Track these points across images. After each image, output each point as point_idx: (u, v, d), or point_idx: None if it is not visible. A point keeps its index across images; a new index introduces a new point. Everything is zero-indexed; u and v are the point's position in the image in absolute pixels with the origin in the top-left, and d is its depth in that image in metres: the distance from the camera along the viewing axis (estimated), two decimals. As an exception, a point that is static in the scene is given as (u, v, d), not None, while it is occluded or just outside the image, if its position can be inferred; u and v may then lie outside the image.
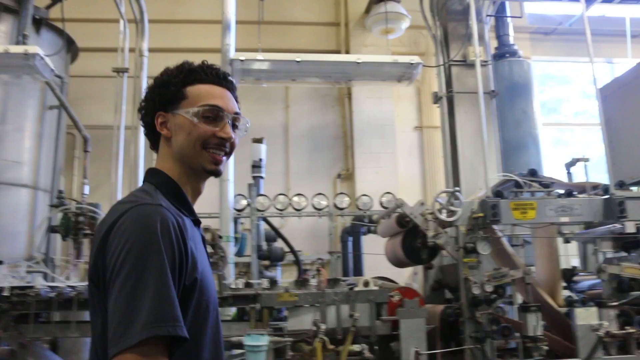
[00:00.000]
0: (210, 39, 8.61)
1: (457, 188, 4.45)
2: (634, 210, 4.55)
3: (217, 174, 1.69)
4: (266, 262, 7.09)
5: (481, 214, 4.39)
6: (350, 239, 7.39)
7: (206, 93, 1.66)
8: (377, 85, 10.02)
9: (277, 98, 10.27)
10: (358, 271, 7.21)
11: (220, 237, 5.01)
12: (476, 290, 4.24)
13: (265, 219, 6.79)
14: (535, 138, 7.63)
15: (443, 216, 4.42)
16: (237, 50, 6.45)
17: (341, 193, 6.93)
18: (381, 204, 6.32)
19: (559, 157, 9.63)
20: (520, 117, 7.48)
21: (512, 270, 4.42)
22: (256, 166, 7.41)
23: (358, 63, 6.12)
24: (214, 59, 1.92)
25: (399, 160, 10.19)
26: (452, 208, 4.45)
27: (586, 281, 5.42)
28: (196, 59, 1.77)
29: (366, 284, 4.52)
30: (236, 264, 6.58)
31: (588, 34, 5.43)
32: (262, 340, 4.06)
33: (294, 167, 9.97)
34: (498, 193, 4.52)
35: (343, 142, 10.28)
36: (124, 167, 6.97)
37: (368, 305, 4.42)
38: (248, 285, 4.63)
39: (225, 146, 1.67)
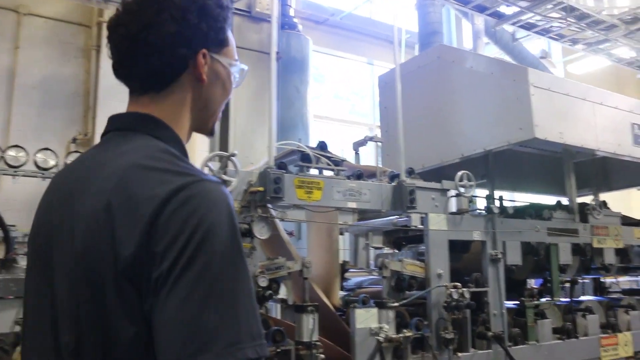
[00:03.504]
0: None
1: (234, 152, 3.50)
2: (422, 201, 4.10)
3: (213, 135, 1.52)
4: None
5: (261, 188, 3.51)
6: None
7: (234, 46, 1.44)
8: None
9: (4, 34, 8.32)
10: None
11: None
12: (248, 284, 3.33)
13: (-36, 177, 5.10)
14: (305, 121, 7.08)
15: (214, 187, 3.43)
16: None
17: (77, 151, 5.52)
18: (129, 170, 5.11)
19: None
20: (294, 96, 6.86)
21: (289, 262, 3.62)
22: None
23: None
24: None
25: (149, 130, 8.95)
26: (226, 177, 3.47)
27: (355, 278, 4.90)
28: None
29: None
30: None
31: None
32: None
33: (17, 122, 8.18)
34: (282, 165, 3.69)
35: (84, 101, 8.73)
36: None
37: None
38: None
39: None
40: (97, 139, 8.65)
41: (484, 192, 5.91)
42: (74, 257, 1.15)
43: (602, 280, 6.40)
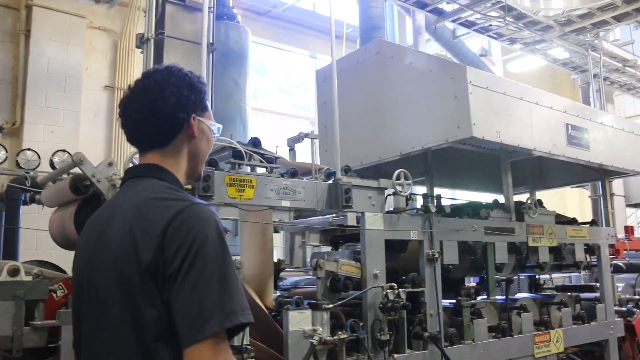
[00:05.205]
0: None
1: (162, 149, 3.30)
2: (358, 200, 4.00)
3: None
4: None
5: (189, 186, 3.33)
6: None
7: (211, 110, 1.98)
8: (65, 26, 8.32)
9: None
10: (11, 253, 5.49)
11: None
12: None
13: None
14: (244, 114, 6.90)
15: (138, 184, 3.24)
16: None
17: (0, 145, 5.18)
18: (52, 163, 4.79)
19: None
20: (232, 89, 6.67)
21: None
22: None
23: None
24: None
25: (82, 122, 8.59)
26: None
27: (291, 277, 4.77)
28: None
29: (13, 271, 3.10)
30: None
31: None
32: None
33: None
34: (212, 162, 3.52)
35: (11, 88, 8.28)
36: None
37: (13, 303, 3.01)
38: None
39: None
40: (26, 129, 8.24)
41: (424, 190, 5.90)
42: (112, 265, 1.63)
43: (536, 277, 6.50)
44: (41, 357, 3.09)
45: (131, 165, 3.29)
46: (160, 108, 1.76)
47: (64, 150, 4.87)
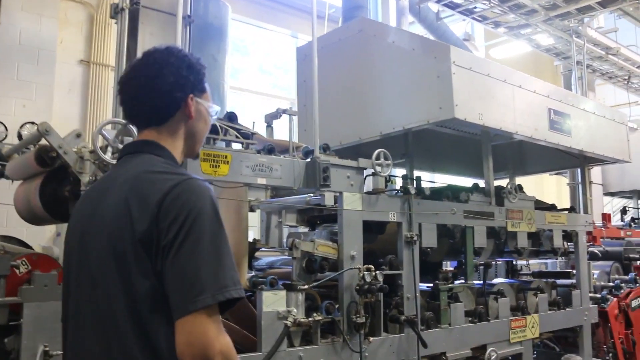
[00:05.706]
0: None
1: (133, 120, 3.17)
2: (336, 180, 3.90)
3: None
4: None
5: (162, 161, 3.20)
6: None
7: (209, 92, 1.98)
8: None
9: None
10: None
11: None
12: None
13: None
14: (222, 92, 6.71)
15: (108, 156, 3.10)
16: None
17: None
18: (20, 136, 4.60)
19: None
20: (210, 65, 6.39)
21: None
22: None
23: None
24: None
25: (55, 96, 8.35)
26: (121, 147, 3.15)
27: (267, 257, 4.67)
28: None
29: (-27, 246, 2.96)
30: None
31: None
32: None
33: None
34: (186, 136, 3.38)
35: (-19, 62, 7.99)
36: None
37: (-28, 278, 2.88)
38: None
39: None
40: (-4, 106, 7.98)
41: (404, 172, 5.81)
42: (105, 236, 1.63)
43: (514, 263, 6.48)
44: (1, 335, 2.96)
45: (100, 137, 3.17)
46: (158, 86, 1.79)
47: (33, 123, 4.66)
